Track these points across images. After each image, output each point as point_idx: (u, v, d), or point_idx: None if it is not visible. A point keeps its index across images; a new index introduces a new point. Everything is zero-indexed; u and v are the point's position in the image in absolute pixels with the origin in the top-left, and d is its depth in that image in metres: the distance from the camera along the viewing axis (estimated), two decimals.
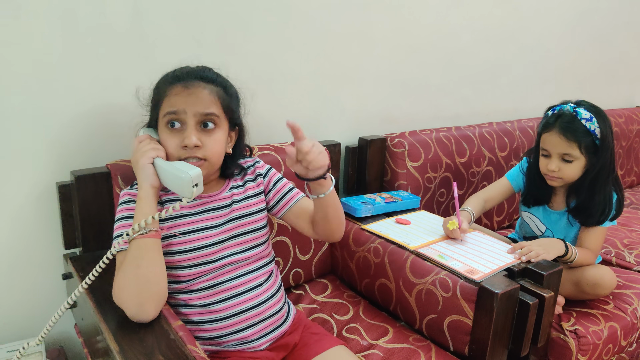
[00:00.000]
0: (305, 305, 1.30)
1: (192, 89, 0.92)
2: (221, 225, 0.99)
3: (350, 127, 1.61)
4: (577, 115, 1.29)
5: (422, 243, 1.24)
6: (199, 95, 0.92)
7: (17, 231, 1.12)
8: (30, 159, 1.10)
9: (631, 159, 2.48)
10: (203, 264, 0.96)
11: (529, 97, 2.16)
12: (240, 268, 1.01)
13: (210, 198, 1.01)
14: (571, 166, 1.31)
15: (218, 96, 0.94)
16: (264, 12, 1.33)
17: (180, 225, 0.96)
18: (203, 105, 0.92)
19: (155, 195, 0.91)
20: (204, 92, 0.93)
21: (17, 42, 1.03)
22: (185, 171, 0.87)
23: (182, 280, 0.96)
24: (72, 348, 1.24)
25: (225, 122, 0.97)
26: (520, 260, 1.15)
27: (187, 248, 0.95)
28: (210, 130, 0.93)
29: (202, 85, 0.93)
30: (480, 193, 1.49)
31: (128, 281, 0.84)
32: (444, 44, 1.77)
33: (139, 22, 1.15)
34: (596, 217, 1.34)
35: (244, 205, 1.04)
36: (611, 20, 2.42)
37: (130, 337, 0.81)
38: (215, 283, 0.97)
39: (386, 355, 1.10)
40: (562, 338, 1.25)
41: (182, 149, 0.92)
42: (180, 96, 0.91)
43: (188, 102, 0.91)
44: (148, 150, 0.91)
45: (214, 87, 0.95)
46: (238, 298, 0.98)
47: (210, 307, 0.96)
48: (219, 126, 0.95)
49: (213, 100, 0.93)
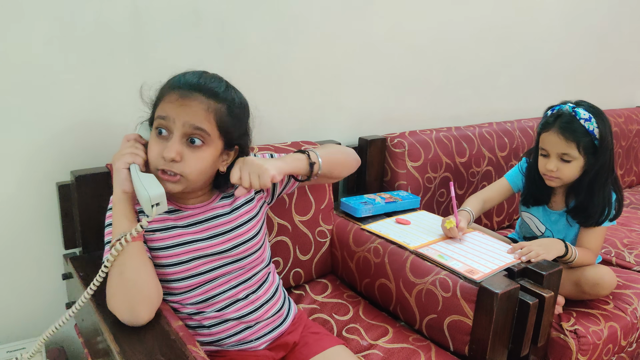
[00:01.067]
0: (305, 305, 1.30)
1: (187, 100, 0.87)
2: (209, 239, 0.95)
3: (350, 127, 1.61)
4: (576, 115, 1.29)
5: (422, 243, 1.24)
6: (193, 108, 0.86)
7: (17, 231, 1.12)
8: (30, 159, 1.10)
9: (631, 159, 2.48)
10: (194, 276, 0.94)
11: (529, 97, 2.16)
12: (234, 279, 0.98)
13: (199, 210, 0.97)
14: (569, 166, 1.31)
15: (215, 113, 0.88)
16: (264, 12, 1.33)
17: (167, 238, 0.93)
18: (194, 119, 0.86)
19: (129, 200, 0.89)
20: (200, 106, 0.87)
21: (17, 42, 1.03)
22: (147, 188, 0.84)
23: (175, 292, 0.94)
24: (72, 348, 1.24)
25: (219, 141, 0.90)
26: (520, 260, 1.15)
27: (174, 261, 0.92)
28: (196, 147, 0.88)
29: (200, 99, 0.87)
30: (480, 193, 1.49)
31: (115, 288, 0.83)
32: (444, 44, 1.77)
33: (138, 24, 1.15)
34: (595, 217, 1.34)
35: (233, 217, 0.99)
36: (611, 21, 2.42)
37: (130, 337, 0.81)
38: (208, 297, 0.96)
39: (386, 355, 1.10)
40: (562, 338, 1.26)
41: (161, 158, 0.87)
42: (173, 104, 0.87)
43: (179, 112, 0.86)
44: (125, 155, 0.88)
45: (215, 103, 0.88)
46: (233, 307, 0.97)
47: (205, 315, 0.96)
48: (207, 144, 0.88)
49: (207, 116, 0.87)
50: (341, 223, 1.41)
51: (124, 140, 0.92)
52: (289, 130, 1.48)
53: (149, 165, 0.91)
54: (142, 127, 0.96)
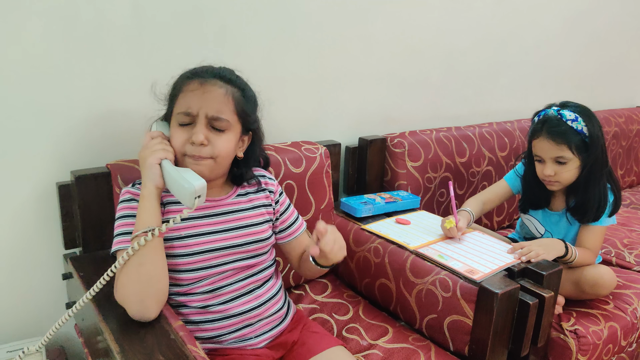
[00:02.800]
0: (305, 305, 1.30)
1: (208, 86, 0.91)
2: (224, 232, 0.97)
3: (350, 127, 1.61)
4: (562, 117, 1.30)
5: (422, 243, 1.24)
6: (214, 93, 0.91)
7: (17, 231, 1.12)
8: (31, 159, 1.10)
9: (631, 159, 2.48)
10: (203, 269, 0.95)
11: (529, 97, 2.16)
12: (241, 273, 0.99)
13: (215, 203, 0.99)
14: (566, 168, 1.31)
15: (233, 97, 0.93)
16: (265, 13, 1.33)
17: (182, 228, 0.94)
18: (216, 106, 0.90)
19: (158, 196, 0.91)
20: (220, 91, 0.91)
21: (18, 42, 1.03)
22: (190, 181, 0.85)
23: (182, 283, 0.95)
24: (72, 348, 1.24)
25: (238, 125, 0.95)
26: (520, 260, 1.16)
27: (187, 252, 0.94)
28: (220, 132, 0.92)
29: (219, 84, 0.92)
30: (480, 195, 1.49)
31: (131, 278, 0.84)
32: (444, 44, 1.77)
33: (139, 25, 1.15)
34: (592, 212, 1.34)
35: (249, 215, 1.01)
36: (611, 21, 2.42)
37: (130, 337, 0.81)
38: (215, 287, 0.97)
39: (386, 355, 1.10)
40: (562, 338, 1.26)
41: (189, 145, 0.91)
42: (195, 93, 0.90)
43: (202, 101, 0.90)
44: (158, 151, 0.90)
45: (232, 87, 0.93)
46: (238, 300, 0.98)
47: (210, 309, 0.96)
48: (229, 129, 0.93)
49: (227, 101, 0.92)
50: (341, 223, 1.41)
51: (147, 136, 0.93)
52: (289, 130, 1.48)
53: (175, 155, 0.93)
54: (159, 125, 0.97)
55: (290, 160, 1.30)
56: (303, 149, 1.35)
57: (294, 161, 1.31)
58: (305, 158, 1.33)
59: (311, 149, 1.36)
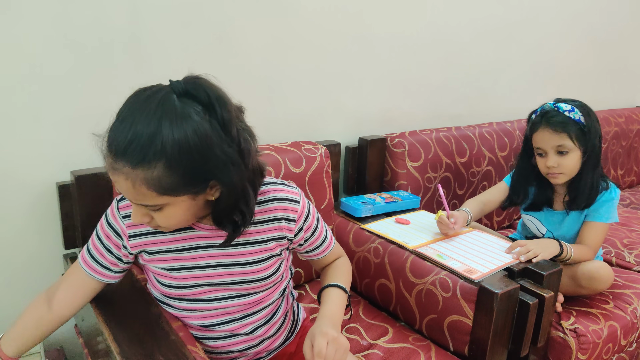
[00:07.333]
0: (305, 305, 1.29)
1: (116, 175, 0.70)
2: (214, 267, 0.85)
3: (350, 127, 1.61)
4: (559, 109, 1.34)
5: (421, 243, 1.25)
6: (124, 186, 0.70)
7: (17, 231, 1.12)
8: (31, 159, 1.10)
9: (631, 159, 2.48)
10: (194, 301, 0.87)
11: (529, 97, 2.16)
12: (238, 312, 0.89)
13: (214, 233, 0.85)
14: (568, 158, 1.32)
15: (147, 183, 0.69)
16: (263, 13, 1.33)
17: (170, 260, 0.85)
18: (134, 196, 0.72)
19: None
20: (126, 184, 0.69)
21: (18, 43, 1.03)
22: None
23: (176, 308, 0.89)
24: (72, 348, 1.24)
25: (178, 197, 0.72)
26: (519, 259, 1.16)
27: (175, 284, 0.86)
28: (159, 210, 0.74)
29: (125, 172, 0.68)
30: (479, 196, 1.50)
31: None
32: (444, 44, 1.77)
33: (137, 27, 1.15)
34: (584, 198, 1.36)
35: (243, 251, 0.87)
36: (611, 21, 2.42)
37: (130, 337, 0.81)
38: (208, 324, 0.89)
39: (386, 355, 1.10)
40: (562, 337, 1.26)
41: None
42: (113, 176, 0.72)
43: (120, 187, 0.72)
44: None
45: (142, 170, 0.67)
46: (234, 339, 0.91)
47: (204, 342, 0.91)
48: (168, 204, 0.73)
49: (141, 190, 0.70)
50: (341, 223, 1.41)
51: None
52: (289, 130, 1.48)
53: None
54: None
55: (290, 160, 1.30)
56: (303, 149, 1.35)
57: (294, 161, 1.31)
58: (305, 158, 1.33)
59: (311, 149, 1.36)
